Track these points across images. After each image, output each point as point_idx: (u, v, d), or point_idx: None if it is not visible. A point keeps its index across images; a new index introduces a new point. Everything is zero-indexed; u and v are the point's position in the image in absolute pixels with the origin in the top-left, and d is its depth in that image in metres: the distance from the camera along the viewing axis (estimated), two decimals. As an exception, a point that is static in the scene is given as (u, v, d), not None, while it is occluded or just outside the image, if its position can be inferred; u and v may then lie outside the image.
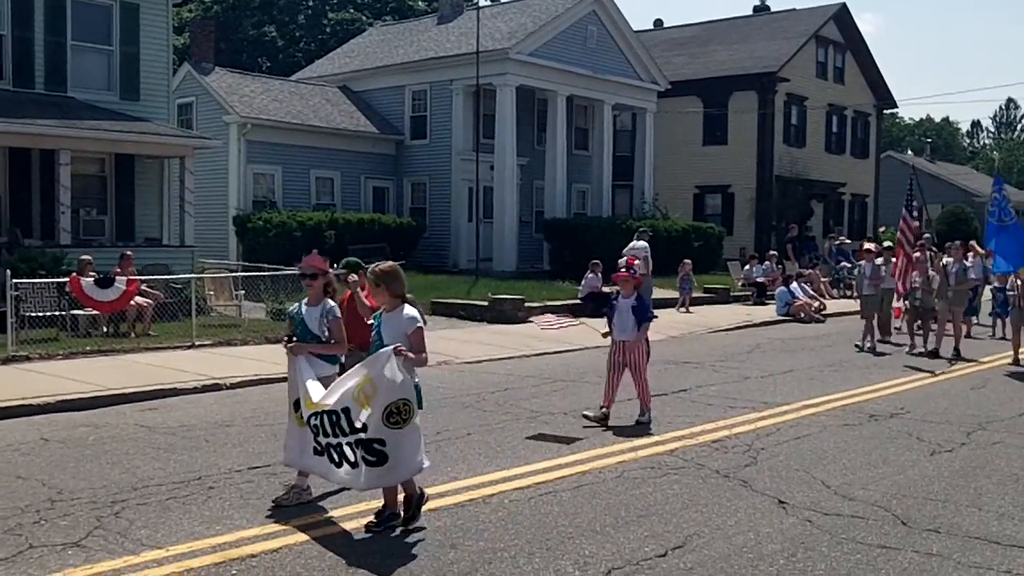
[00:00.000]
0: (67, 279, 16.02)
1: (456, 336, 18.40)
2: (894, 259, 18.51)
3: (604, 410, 10.71)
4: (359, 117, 33.13)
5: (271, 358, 14.61)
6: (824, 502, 7.72)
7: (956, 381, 14.33)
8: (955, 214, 48.59)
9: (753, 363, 15.96)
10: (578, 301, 22.96)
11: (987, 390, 13.59)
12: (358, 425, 6.61)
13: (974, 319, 20.63)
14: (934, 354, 16.82)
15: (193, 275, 18.64)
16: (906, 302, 18.21)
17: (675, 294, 24.84)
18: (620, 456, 9.09)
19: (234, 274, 21.29)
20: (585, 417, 10.69)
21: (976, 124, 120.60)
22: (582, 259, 24.82)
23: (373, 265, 7.32)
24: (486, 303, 21.36)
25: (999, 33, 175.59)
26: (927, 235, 22.48)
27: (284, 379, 13.07)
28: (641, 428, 10.51)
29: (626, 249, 23.12)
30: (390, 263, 7.31)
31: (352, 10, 59.71)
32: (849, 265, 29.70)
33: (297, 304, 7.84)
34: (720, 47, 44.40)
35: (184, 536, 6.63)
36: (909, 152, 21.27)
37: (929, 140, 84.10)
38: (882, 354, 17.23)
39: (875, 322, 18.17)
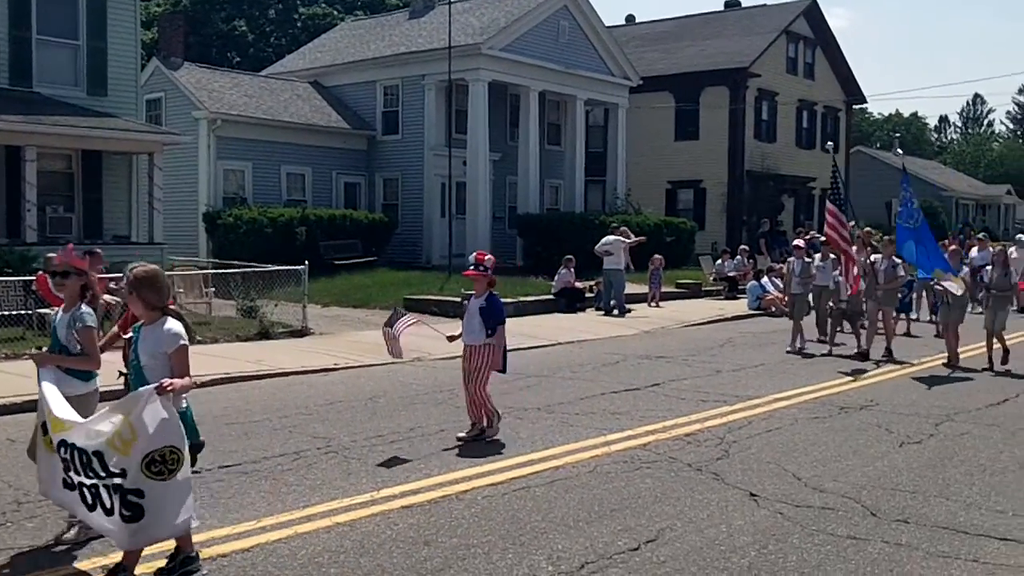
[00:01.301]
0: (34, 277, 15.84)
1: (428, 332, 18.31)
2: (842, 258, 16.38)
3: (477, 425, 9.69)
4: (330, 112, 32.97)
5: (242, 356, 14.56)
6: (795, 494, 7.77)
7: (923, 374, 14.44)
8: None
9: (725, 357, 16.03)
10: (551, 296, 22.98)
11: (955, 383, 13.73)
12: (115, 470, 5.47)
13: (913, 315, 20.34)
14: (863, 355, 15.88)
15: (163, 272, 18.47)
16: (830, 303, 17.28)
17: (647, 289, 24.89)
18: (593, 451, 9.10)
19: (204, 271, 21.15)
20: (459, 439, 9.52)
21: (944, 119, 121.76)
22: (555, 254, 24.84)
23: (128, 268, 6.15)
24: (459, 299, 21.26)
25: (968, 28, 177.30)
26: (867, 230, 21.95)
27: (258, 377, 13.13)
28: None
29: (599, 245, 23.25)
30: (150, 267, 6.11)
31: (323, 5, 59.43)
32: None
33: (58, 308, 6.78)
34: (691, 43, 44.52)
35: (154, 535, 6.57)
36: (830, 144, 20.69)
37: (898, 135, 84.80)
38: (811, 355, 16.30)
39: (804, 321, 17.19)
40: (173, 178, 25.68)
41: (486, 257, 9.86)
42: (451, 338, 10.02)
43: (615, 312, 22.33)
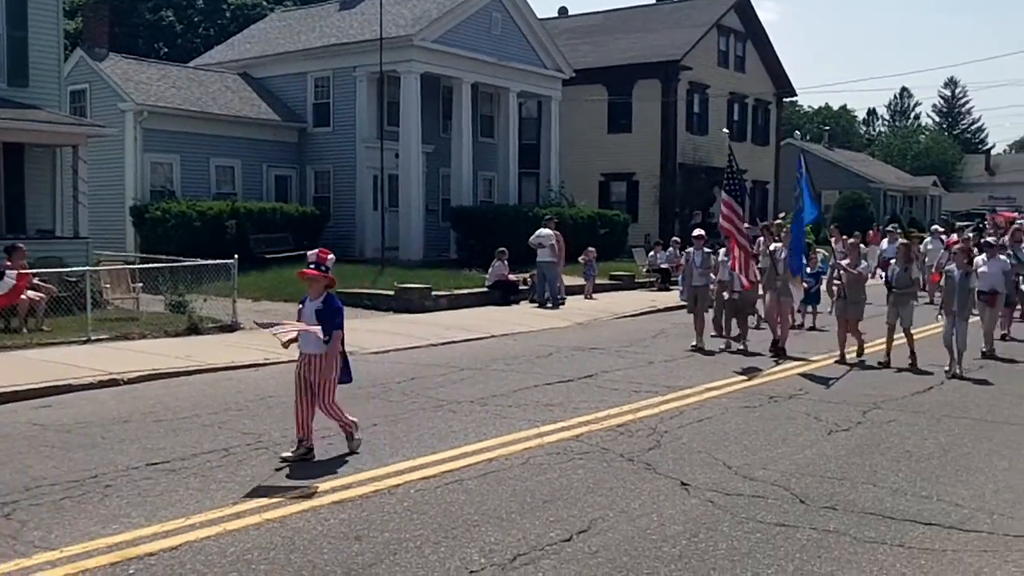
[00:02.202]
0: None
1: (362, 326, 18.21)
2: (736, 252, 15.50)
3: (304, 443, 8.61)
4: (260, 104, 32.53)
5: (171, 352, 14.32)
6: (726, 483, 7.85)
7: (820, 372, 14.59)
8: (852, 200, 49.87)
9: (657, 348, 16.14)
10: (485, 289, 22.96)
11: (882, 371, 13.94)
12: None
13: (810, 308, 19.10)
14: (779, 351, 15.13)
15: (88, 268, 18.11)
16: (724, 294, 16.24)
17: (582, 281, 25.00)
18: (526, 443, 9.10)
19: (131, 266, 20.76)
20: (283, 460, 8.43)
21: (872, 112, 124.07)
22: (489, 247, 24.80)
23: None
24: (392, 292, 21.22)
25: (895, 22, 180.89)
26: (777, 221, 21.21)
27: (187, 373, 12.92)
28: (356, 459, 8.48)
29: (532, 237, 23.28)
30: None
31: (253, -5, 58.66)
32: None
33: None
34: (624, 35, 44.75)
35: (79, 536, 6.43)
36: (725, 131, 20.12)
37: (827, 128, 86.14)
38: (712, 352, 15.58)
39: (708, 316, 16.40)
40: (99, 171, 25.11)
41: (328, 256, 9.04)
42: (286, 343, 8.90)
43: (549, 304, 22.39)
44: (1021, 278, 17.91)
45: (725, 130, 19.05)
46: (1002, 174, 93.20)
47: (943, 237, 26.15)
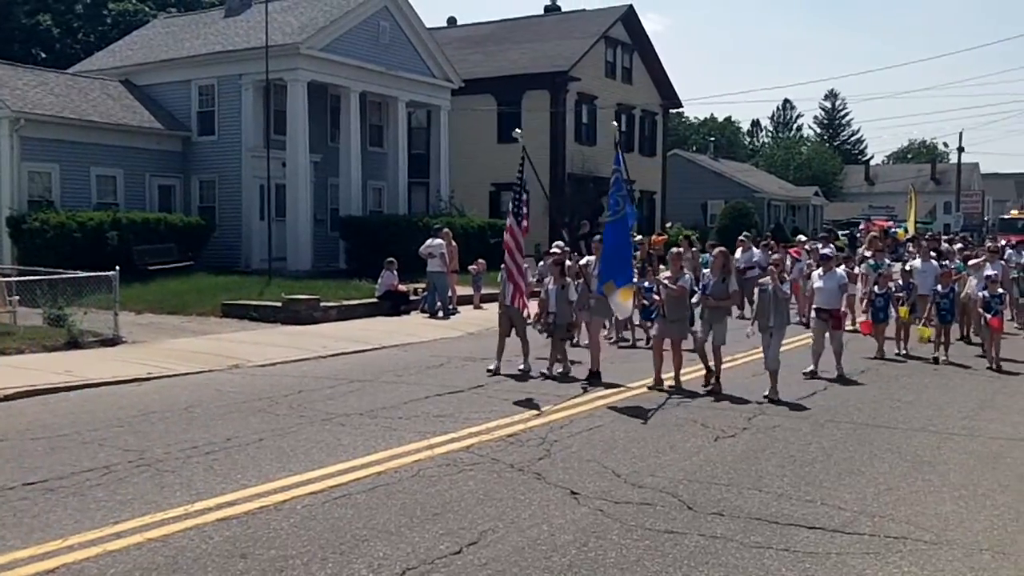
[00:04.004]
0: None
1: (248, 338, 17.91)
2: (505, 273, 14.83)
3: None
4: (143, 112, 31.70)
5: (49, 367, 13.84)
6: (615, 491, 7.92)
7: (739, 369, 14.81)
8: (737, 209, 50.99)
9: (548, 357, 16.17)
10: (375, 299, 22.78)
11: (767, 378, 14.15)
12: None
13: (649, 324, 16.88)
14: (592, 376, 13.72)
15: (-40, 280, 17.38)
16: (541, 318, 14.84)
17: (472, 291, 25.01)
18: (416, 455, 9.04)
19: (7, 279, 20.00)
20: None
21: (756, 123, 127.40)
22: (379, 257, 24.61)
23: None
24: (279, 304, 20.88)
25: (778, 36, 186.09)
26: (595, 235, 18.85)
27: (66, 389, 12.50)
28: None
29: (423, 247, 23.21)
30: None
31: (134, 1, 57.21)
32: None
33: None
34: (513, 46, 45.01)
35: (-54, 562, 6.17)
36: (518, 130, 18.96)
37: (713, 139, 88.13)
38: (529, 377, 14.18)
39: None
40: (-29, 180, 24.18)
41: None
42: None
43: (440, 314, 22.33)
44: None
45: (518, 130, 17.13)
46: (881, 184, 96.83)
47: (807, 248, 26.28)
